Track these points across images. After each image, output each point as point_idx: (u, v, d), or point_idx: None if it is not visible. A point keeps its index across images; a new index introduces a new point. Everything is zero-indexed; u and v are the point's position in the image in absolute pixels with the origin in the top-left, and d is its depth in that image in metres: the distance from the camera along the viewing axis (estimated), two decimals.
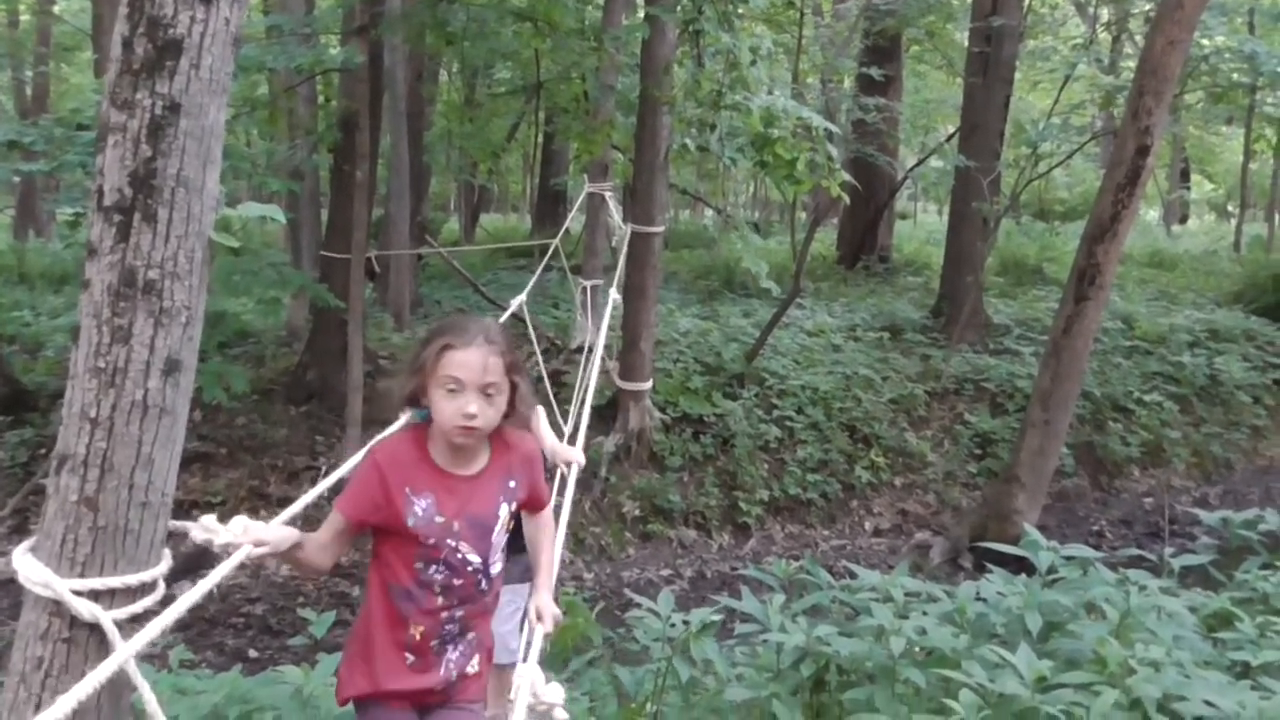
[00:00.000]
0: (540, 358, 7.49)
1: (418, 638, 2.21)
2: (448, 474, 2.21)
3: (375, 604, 2.24)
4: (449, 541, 2.18)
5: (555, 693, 2.11)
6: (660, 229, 10.01)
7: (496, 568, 2.28)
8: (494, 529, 2.24)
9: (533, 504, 2.38)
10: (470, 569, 2.21)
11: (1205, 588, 5.60)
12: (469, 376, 2.14)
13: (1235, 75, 13.63)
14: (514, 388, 2.22)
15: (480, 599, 2.27)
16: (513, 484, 2.29)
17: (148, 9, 1.81)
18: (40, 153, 7.66)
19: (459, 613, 2.23)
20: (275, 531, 2.03)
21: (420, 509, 2.16)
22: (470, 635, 2.29)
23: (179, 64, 1.83)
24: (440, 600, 2.20)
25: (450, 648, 2.26)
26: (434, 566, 2.18)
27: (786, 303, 11.59)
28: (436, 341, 2.19)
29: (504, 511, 2.27)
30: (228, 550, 1.94)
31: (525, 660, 2.21)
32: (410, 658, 2.22)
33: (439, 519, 2.17)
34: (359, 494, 2.19)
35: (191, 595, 1.76)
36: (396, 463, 2.19)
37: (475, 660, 2.32)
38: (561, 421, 5.13)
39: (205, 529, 1.94)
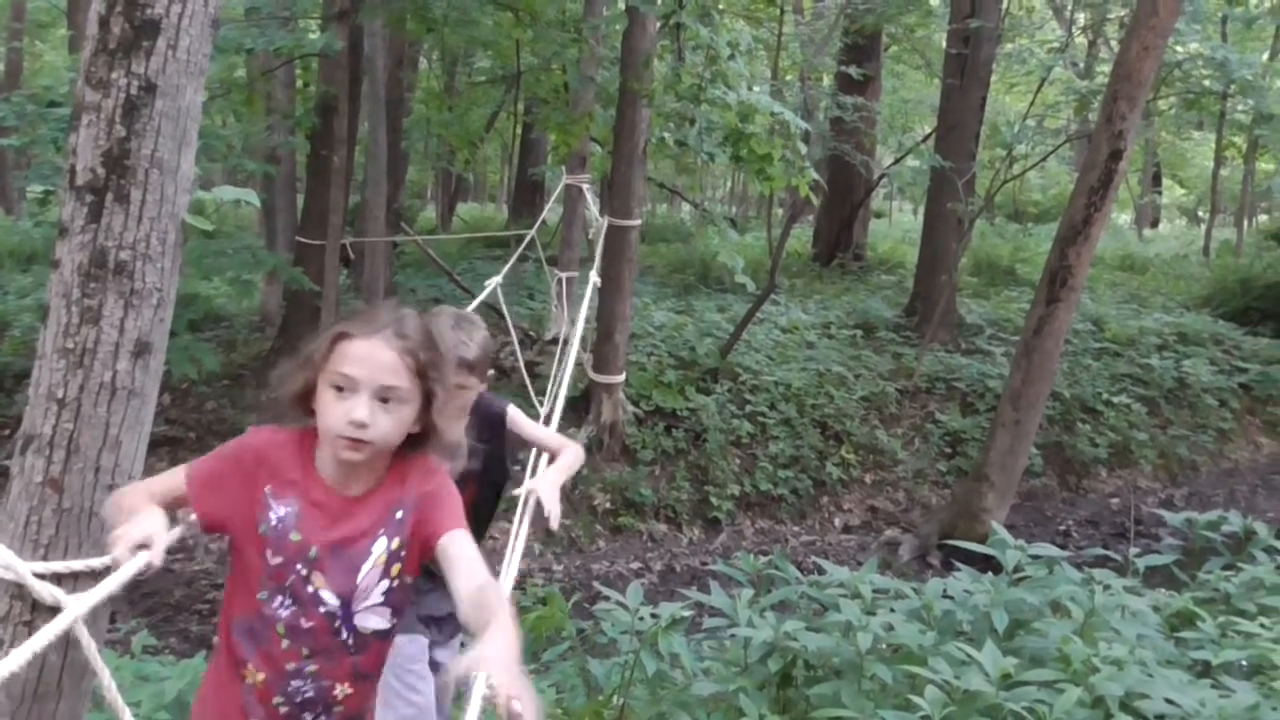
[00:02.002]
0: (517, 348, 7.51)
1: (257, 687, 1.77)
2: (325, 487, 1.78)
3: (220, 645, 1.84)
4: (299, 568, 1.75)
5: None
6: (637, 222, 10.00)
7: (369, 622, 1.80)
8: (361, 567, 1.78)
9: (427, 543, 1.82)
10: (323, 610, 1.76)
11: (1169, 587, 5.68)
12: (363, 374, 1.71)
13: (1207, 81, 13.79)
14: (428, 398, 1.78)
15: (342, 656, 1.79)
16: (399, 515, 1.81)
17: None
18: (11, 128, 7.55)
19: (310, 667, 1.77)
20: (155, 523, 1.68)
21: (275, 516, 1.75)
22: (337, 710, 1.80)
23: (156, 44, 1.81)
24: (285, 644, 1.75)
25: (307, 717, 1.79)
26: (279, 597, 1.75)
27: (761, 298, 11.61)
28: (334, 329, 1.78)
29: (378, 547, 1.79)
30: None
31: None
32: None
33: (294, 537, 1.75)
34: (219, 469, 1.78)
35: (135, 563, 1.66)
36: (269, 455, 1.78)
37: None
38: (538, 408, 5.14)
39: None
